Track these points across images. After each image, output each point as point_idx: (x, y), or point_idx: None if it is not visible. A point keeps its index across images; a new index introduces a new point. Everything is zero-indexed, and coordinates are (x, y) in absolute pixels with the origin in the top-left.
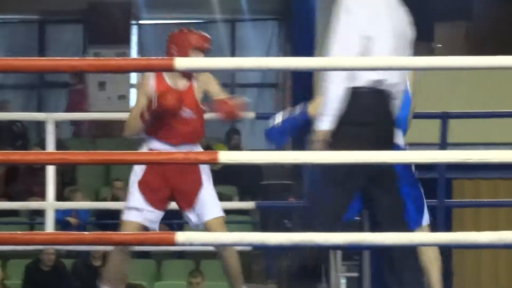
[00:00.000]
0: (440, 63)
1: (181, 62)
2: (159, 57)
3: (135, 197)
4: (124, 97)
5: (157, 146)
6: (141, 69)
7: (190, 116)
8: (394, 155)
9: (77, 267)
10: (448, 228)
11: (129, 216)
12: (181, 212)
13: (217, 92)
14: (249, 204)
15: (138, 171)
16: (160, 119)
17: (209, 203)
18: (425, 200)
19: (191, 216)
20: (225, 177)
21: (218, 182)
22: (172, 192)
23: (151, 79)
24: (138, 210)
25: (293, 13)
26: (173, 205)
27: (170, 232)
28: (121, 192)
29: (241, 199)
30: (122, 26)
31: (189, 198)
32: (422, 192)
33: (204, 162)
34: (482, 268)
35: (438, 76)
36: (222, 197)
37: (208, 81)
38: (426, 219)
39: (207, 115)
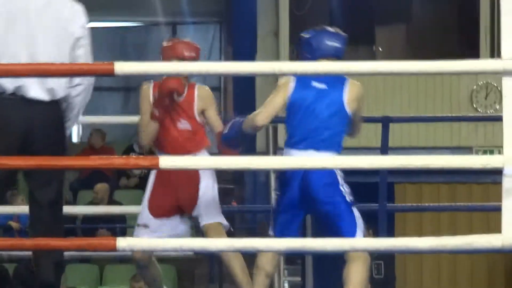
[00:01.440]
0: (381, 68)
1: (121, 67)
2: (99, 62)
3: (144, 214)
4: None
5: None
6: (83, 73)
7: (186, 128)
8: (334, 160)
9: (19, 271)
10: (390, 232)
11: (139, 234)
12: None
13: (214, 116)
14: None
15: (148, 187)
16: (161, 131)
17: (207, 208)
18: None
19: (199, 220)
20: None
21: None
22: (177, 198)
23: (151, 88)
24: (147, 228)
25: (234, 15)
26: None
27: (111, 237)
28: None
29: None
30: None
31: (189, 203)
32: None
33: (145, 167)
34: (424, 272)
35: (378, 80)
36: None
37: (208, 101)
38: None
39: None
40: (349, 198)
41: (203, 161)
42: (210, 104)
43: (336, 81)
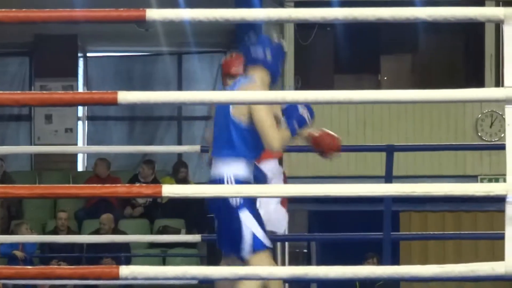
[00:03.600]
0: (385, 97)
1: (124, 96)
2: (102, 91)
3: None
4: (71, 130)
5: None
6: (84, 103)
7: None
8: (337, 188)
9: None
10: (395, 260)
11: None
12: None
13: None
14: (196, 237)
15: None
16: None
17: None
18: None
19: None
20: (173, 210)
21: (165, 215)
22: None
23: None
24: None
25: (239, 45)
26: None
27: (114, 266)
28: (66, 223)
29: (189, 232)
30: (69, 59)
31: None
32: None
33: (147, 196)
34: None
35: (383, 109)
36: (169, 230)
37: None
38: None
39: None
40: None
41: (208, 190)
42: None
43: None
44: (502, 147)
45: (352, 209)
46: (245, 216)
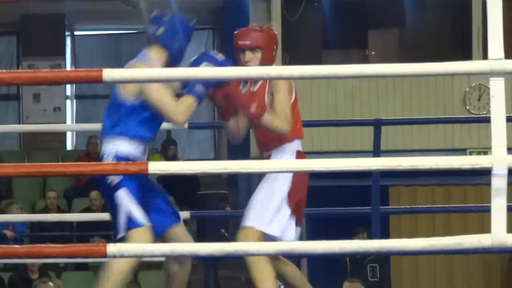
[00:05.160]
0: (373, 71)
1: (109, 74)
2: (88, 69)
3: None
4: (60, 109)
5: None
6: (70, 81)
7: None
8: (323, 163)
9: (14, 280)
10: (385, 235)
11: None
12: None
13: (278, 99)
14: (185, 214)
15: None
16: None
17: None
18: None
19: None
20: (162, 187)
21: None
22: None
23: None
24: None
25: (226, 22)
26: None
27: (102, 244)
28: (55, 201)
29: (179, 209)
30: (56, 38)
31: None
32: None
33: (133, 173)
34: (420, 274)
35: (370, 84)
36: None
37: (275, 84)
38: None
39: None
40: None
41: (194, 166)
42: (276, 85)
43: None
44: (489, 120)
45: (341, 184)
46: (122, 195)
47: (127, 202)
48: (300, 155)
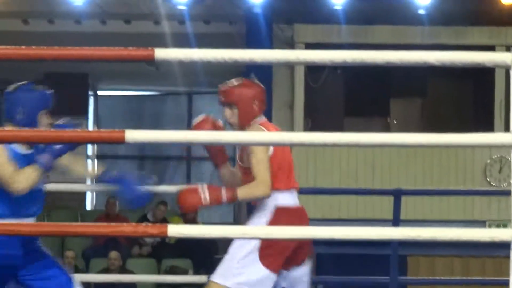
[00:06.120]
0: (395, 140)
1: (131, 135)
2: (110, 130)
3: None
4: None
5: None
6: (92, 141)
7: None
8: (345, 231)
9: None
10: None
11: None
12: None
13: (252, 163)
14: (202, 278)
15: None
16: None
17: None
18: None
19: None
20: (180, 250)
21: (173, 255)
22: None
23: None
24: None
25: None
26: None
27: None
28: (73, 261)
29: (196, 272)
30: (79, 97)
31: None
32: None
33: (153, 236)
34: None
35: (392, 153)
36: (177, 270)
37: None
38: None
39: None
40: None
41: (214, 230)
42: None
43: None
44: (510, 193)
45: (360, 252)
46: None
47: None
48: (280, 212)
